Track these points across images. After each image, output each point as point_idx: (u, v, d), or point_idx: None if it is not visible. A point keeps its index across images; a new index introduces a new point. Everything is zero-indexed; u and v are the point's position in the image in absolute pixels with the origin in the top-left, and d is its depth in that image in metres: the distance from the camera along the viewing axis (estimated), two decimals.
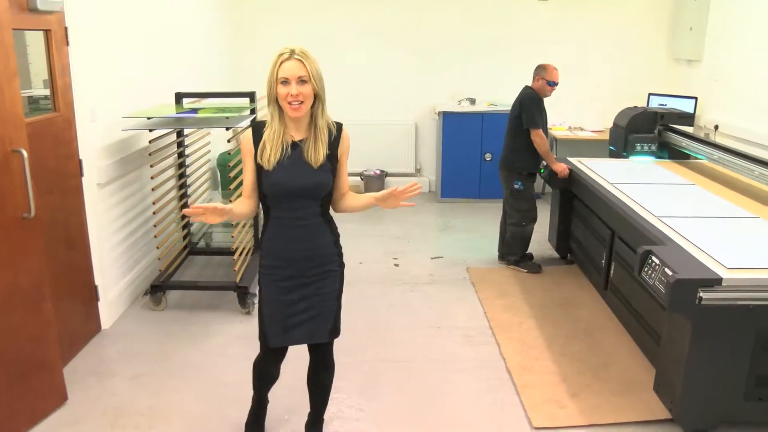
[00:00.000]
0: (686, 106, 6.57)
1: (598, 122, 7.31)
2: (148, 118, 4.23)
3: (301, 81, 2.40)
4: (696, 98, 6.55)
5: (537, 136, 4.89)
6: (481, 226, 6.28)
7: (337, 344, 2.74)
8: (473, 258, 5.46)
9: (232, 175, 4.57)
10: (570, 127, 7.26)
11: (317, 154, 2.50)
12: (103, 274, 4.07)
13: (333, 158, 2.57)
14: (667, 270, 2.93)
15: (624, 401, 3.40)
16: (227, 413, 3.28)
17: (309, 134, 2.52)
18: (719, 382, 3.03)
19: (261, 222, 5.11)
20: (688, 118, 5.42)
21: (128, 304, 4.43)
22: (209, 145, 5.39)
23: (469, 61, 7.22)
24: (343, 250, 2.72)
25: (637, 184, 4.45)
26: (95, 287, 4.03)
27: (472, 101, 7.07)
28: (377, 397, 3.45)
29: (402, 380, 3.61)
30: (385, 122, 7.32)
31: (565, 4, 7.14)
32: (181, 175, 4.85)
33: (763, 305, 2.89)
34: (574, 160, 5.18)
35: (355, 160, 7.05)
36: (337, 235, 2.70)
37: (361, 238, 5.79)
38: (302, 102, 2.42)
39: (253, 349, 3.87)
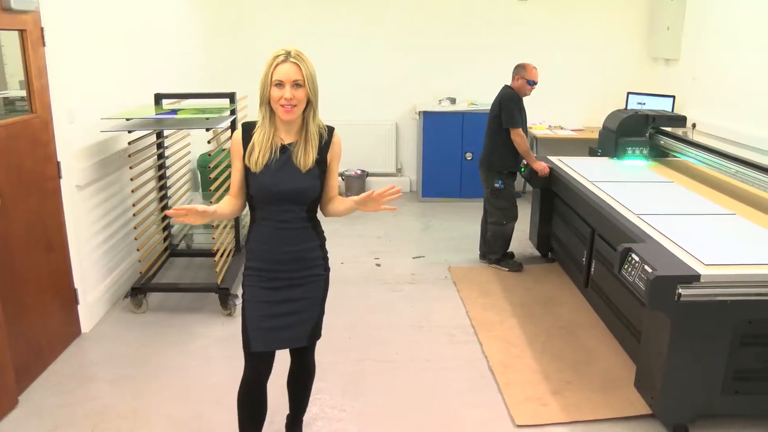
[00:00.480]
0: (664, 105, 6.63)
1: (578, 121, 7.37)
2: (128, 120, 4.19)
3: (296, 85, 2.37)
4: (674, 97, 6.62)
5: (517, 135, 4.90)
6: (462, 226, 6.30)
7: (319, 344, 2.74)
8: (455, 257, 5.48)
9: (212, 176, 4.55)
10: (550, 126, 7.30)
11: (306, 159, 2.46)
12: (82, 277, 4.03)
13: (322, 163, 2.53)
14: (646, 267, 2.96)
15: (605, 398, 3.43)
16: (209, 415, 3.26)
17: (299, 138, 2.48)
18: (698, 376, 3.07)
19: (242, 223, 5.11)
20: (680, 120, 5.39)
21: (108, 307, 4.39)
22: (189, 146, 5.36)
23: (449, 60, 7.24)
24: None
25: (616, 182, 4.49)
26: (75, 290, 3.99)
27: (453, 101, 7.09)
28: (360, 397, 3.44)
29: (384, 380, 3.62)
30: (366, 122, 7.32)
31: (545, 5, 7.19)
32: (161, 177, 4.81)
33: (739, 300, 2.93)
34: (554, 159, 5.21)
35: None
36: (323, 240, 2.67)
37: (342, 239, 5.78)
38: (295, 106, 2.38)
39: (235, 350, 3.86)
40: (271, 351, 2.65)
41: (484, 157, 5.14)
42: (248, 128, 2.50)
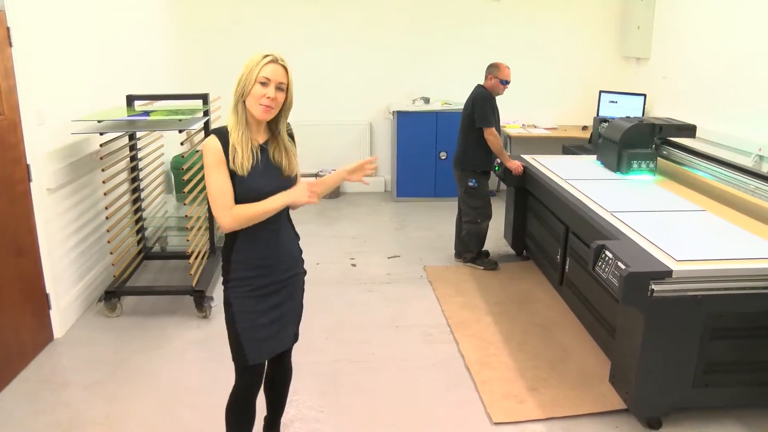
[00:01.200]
0: (636, 104, 6.72)
1: (551, 120, 7.43)
2: (99, 121, 4.14)
3: (279, 87, 2.36)
4: (645, 95, 6.71)
5: (490, 135, 4.91)
6: (437, 225, 6.32)
7: (296, 345, 2.72)
8: (430, 256, 5.49)
9: (186, 177, 4.51)
10: (523, 125, 7.35)
11: (290, 166, 2.48)
12: (54, 282, 3.98)
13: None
14: (620, 264, 2.99)
15: (581, 394, 3.46)
16: (185, 418, 3.24)
17: (269, 138, 2.47)
18: (671, 371, 3.11)
19: (217, 225, 5.07)
20: (690, 130, 4.86)
21: (82, 311, 4.33)
22: (162, 147, 5.30)
23: (423, 60, 7.25)
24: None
25: (589, 180, 4.53)
26: (46, 295, 3.93)
27: (426, 100, 7.11)
28: (337, 397, 3.44)
29: (361, 380, 3.61)
30: (340, 122, 7.30)
31: (518, 4, 7.23)
32: (134, 179, 4.76)
33: (710, 295, 2.98)
34: (527, 158, 5.25)
35: (310, 160, 7.09)
36: (299, 237, 2.68)
37: (317, 239, 5.77)
38: (272, 108, 2.37)
39: (211, 352, 3.86)
40: (266, 360, 2.62)
41: (458, 156, 5.15)
42: (222, 134, 2.41)
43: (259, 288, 2.50)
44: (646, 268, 2.95)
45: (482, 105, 4.93)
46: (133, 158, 4.74)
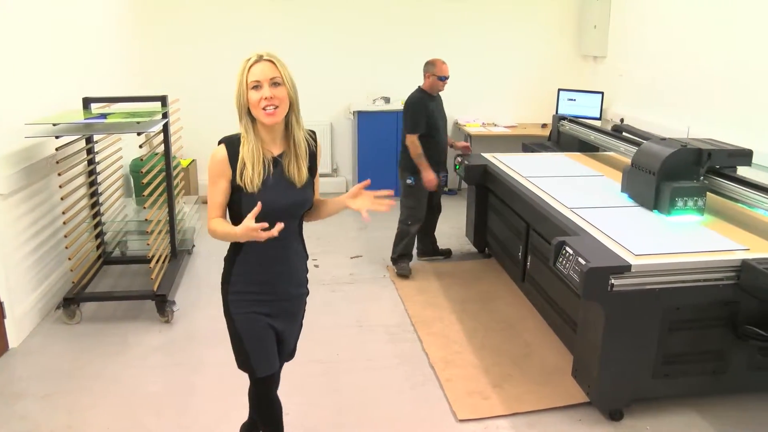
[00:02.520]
0: (594, 101, 6.83)
1: (511, 118, 7.50)
2: (54, 125, 4.05)
3: (274, 83, 2.21)
4: (602, 93, 6.82)
5: (410, 142, 4.83)
6: (397, 224, 6.31)
7: None
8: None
9: (145, 181, 4.45)
10: (483, 124, 7.41)
11: (300, 174, 2.32)
12: (9, 290, 3.88)
13: (312, 170, 2.41)
14: (580, 259, 3.04)
15: (544, 389, 3.51)
16: (149, 425, 3.19)
17: (287, 148, 2.32)
18: (631, 363, 3.17)
19: (178, 228, 5.02)
20: (744, 156, 3.86)
21: (39, 319, 4.24)
22: (121, 151, 5.22)
23: (383, 60, 7.26)
24: None
25: (549, 177, 4.59)
26: (0, 304, 3.83)
27: (387, 100, 7.12)
28: (303, 398, 3.43)
29: (327, 380, 3.61)
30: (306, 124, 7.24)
31: (477, 4, 7.28)
32: (92, 183, 4.68)
33: (667, 288, 3.05)
34: (488, 156, 5.29)
35: None
36: (307, 256, 2.58)
37: None
38: (277, 107, 2.21)
39: (174, 357, 3.81)
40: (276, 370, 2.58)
41: (400, 155, 5.10)
42: (233, 143, 2.28)
43: (260, 303, 2.42)
44: (606, 263, 3.00)
45: (407, 110, 4.89)
46: (91, 162, 4.66)
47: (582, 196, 4.12)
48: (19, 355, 3.85)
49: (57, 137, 4.07)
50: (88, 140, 4.60)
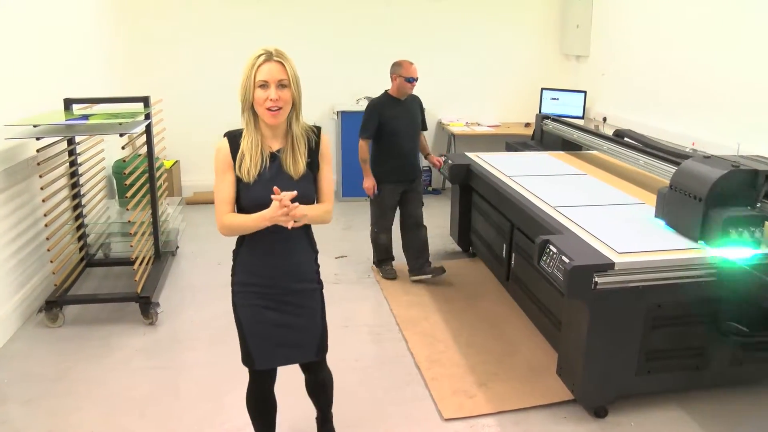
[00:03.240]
0: (577, 100, 6.87)
1: (494, 117, 7.53)
2: (35, 126, 4.02)
3: (281, 85, 2.26)
4: (585, 92, 6.86)
5: (360, 145, 4.69)
6: None
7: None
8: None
9: (128, 182, 4.43)
10: (467, 123, 7.43)
11: (296, 167, 2.34)
12: None
13: (314, 166, 2.42)
14: (564, 258, 3.05)
15: (530, 387, 3.52)
16: (132, 428, 3.17)
17: (286, 143, 2.36)
18: (615, 360, 3.19)
19: (162, 229, 4.99)
20: None
21: (21, 322, 4.19)
22: (103, 152, 5.19)
23: (366, 60, 7.25)
24: None
25: (533, 176, 4.61)
26: None
27: (370, 99, 7.10)
28: (288, 399, 3.40)
29: (299, 386, 3.59)
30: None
31: (460, 4, 7.30)
32: (74, 185, 4.64)
33: (650, 285, 3.07)
34: (471, 155, 5.30)
35: None
36: (316, 251, 2.57)
37: None
38: (281, 108, 2.26)
39: (158, 359, 3.79)
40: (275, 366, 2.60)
41: None
42: (234, 137, 2.35)
43: (262, 296, 2.45)
44: (590, 261, 3.02)
45: (364, 115, 4.73)
46: (73, 163, 4.63)
47: (565, 194, 4.14)
48: (1, 359, 3.81)
49: (38, 139, 4.04)
50: (70, 141, 4.57)
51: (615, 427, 3.21)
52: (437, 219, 6.34)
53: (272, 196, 2.21)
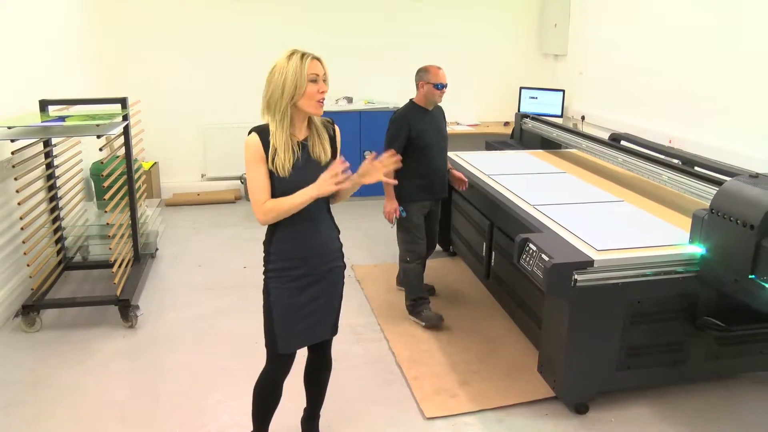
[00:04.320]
0: (555, 99, 6.91)
1: (474, 116, 7.56)
2: (9, 128, 3.97)
3: (325, 80, 2.49)
4: (563, 91, 6.90)
5: None
6: (363, 224, 6.33)
7: (226, 350, 2.70)
8: (357, 255, 5.49)
9: (106, 184, 4.38)
10: (446, 122, 7.43)
11: (325, 154, 2.56)
12: None
13: (334, 153, 2.62)
14: (543, 256, 3.07)
15: (511, 384, 3.54)
16: None
17: (310, 133, 2.56)
18: (596, 356, 3.22)
19: (141, 231, 4.94)
20: None
21: None
22: (81, 154, 5.13)
23: (345, 60, 7.24)
24: (223, 256, 2.68)
25: (512, 175, 4.63)
26: None
27: (350, 100, 7.12)
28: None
29: (295, 382, 3.57)
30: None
31: (438, 4, 7.32)
32: (51, 187, 4.59)
33: (629, 282, 3.10)
34: (451, 155, 5.31)
35: (235, 163, 6.98)
36: (339, 230, 2.73)
37: (243, 242, 5.68)
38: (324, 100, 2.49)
39: (138, 362, 3.76)
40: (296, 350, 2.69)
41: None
42: (263, 132, 2.49)
43: (296, 279, 2.57)
44: (569, 258, 3.04)
45: (388, 131, 4.19)
46: (49, 165, 4.57)
47: (544, 193, 4.16)
48: None
49: (12, 141, 3.99)
50: (46, 143, 4.51)
51: (596, 423, 3.23)
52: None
53: (330, 168, 2.41)
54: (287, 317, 2.59)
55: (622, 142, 4.90)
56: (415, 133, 4.13)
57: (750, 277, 2.76)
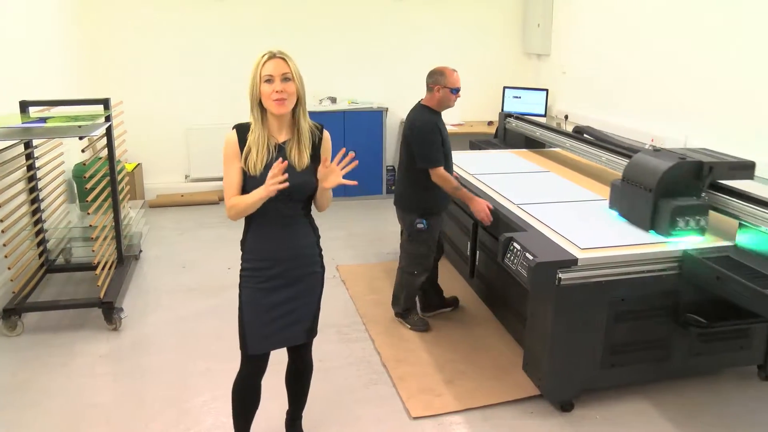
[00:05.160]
0: (539, 98, 6.94)
1: (457, 116, 7.56)
2: None
3: (285, 78, 2.44)
4: (547, 90, 6.93)
5: (438, 177, 3.81)
6: (347, 224, 6.32)
7: (210, 352, 2.68)
8: (342, 255, 5.48)
9: (89, 186, 4.35)
10: None
11: (301, 158, 2.51)
12: None
13: (316, 159, 2.56)
14: (528, 255, 3.08)
15: (496, 383, 3.55)
16: None
17: (292, 136, 2.53)
18: (580, 354, 3.24)
19: (124, 233, 4.91)
20: (747, 169, 3.50)
21: None
22: (63, 155, 5.09)
23: (328, 60, 7.23)
24: (207, 257, 2.67)
25: (496, 174, 4.64)
26: None
27: (333, 100, 7.11)
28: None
29: (278, 383, 3.56)
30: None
31: (421, 4, 7.32)
32: (33, 189, 4.54)
33: (612, 280, 3.12)
34: None
35: (219, 164, 6.94)
36: (318, 236, 2.70)
37: (226, 243, 5.64)
38: (286, 99, 2.43)
39: (122, 365, 3.73)
40: (267, 352, 2.68)
41: (400, 194, 4.07)
42: (242, 130, 2.52)
43: (268, 279, 2.57)
44: (553, 257, 3.06)
45: (421, 141, 3.83)
46: (31, 167, 4.53)
47: (529, 191, 4.18)
48: None
49: None
50: (27, 145, 4.47)
51: (581, 421, 3.25)
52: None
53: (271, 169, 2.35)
54: (256, 318, 2.59)
55: (586, 135, 4.95)
56: (442, 140, 3.88)
57: (650, 232, 3.38)
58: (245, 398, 2.79)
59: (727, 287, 2.90)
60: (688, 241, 3.27)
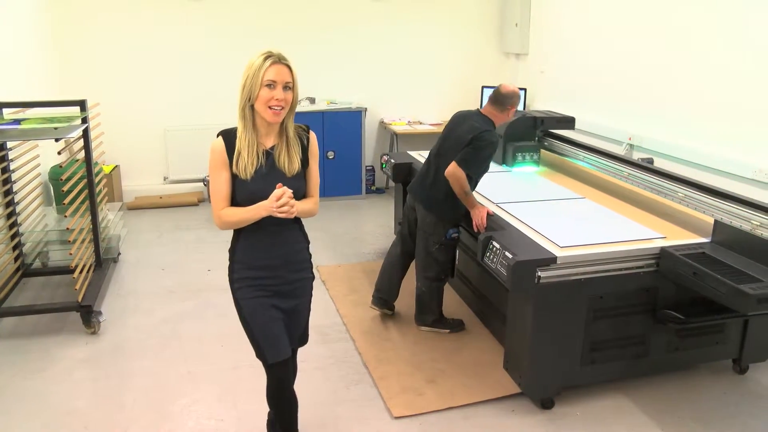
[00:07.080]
0: None
1: (436, 115, 7.58)
2: None
3: (287, 87, 2.36)
4: (525, 90, 6.96)
5: (455, 177, 3.72)
6: (326, 225, 6.30)
7: (190, 354, 2.66)
8: (321, 256, 5.46)
9: (65, 188, 4.30)
10: (409, 122, 7.45)
11: (292, 164, 2.45)
12: None
13: (305, 163, 2.53)
14: (507, 254, 3.10)
15: (477, 382, 3.56)
16: None
17: (279, 141, 2.46)
18: (560, 352, 3.27)
19: (102, 236, 4.86)
20: (569, 122, 5.14)
21: None
22: (38, 158, 5.02)
23: (307, 60, 7.20)
24: (187, 259, 2.65)
25: None
26: None
27: (312, 100, 7.09)
28: (236, 404, 3.38)
29: (260, 385, 3.54)
30: (226, 125, 7.08)
31: (399, 3, 7.32)
32: (8, 192, 4.49)
33: (591, 278, 3.15)
34: (414, 154, 5.33)
35: (197, 166, 6.91)
36: (308, 241, 2.67)
37: (206, 245, 5.62)
38: (283, 108, 2.37)
39: (101, 369, 3.70)
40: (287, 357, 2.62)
41: (434, 198, 3.93)
42: (229, 136, 2.44)
43: (265, 288, 2.51)
44: (532, 256, 3.08)
45: (478, 152, 3.75)
46: (5, 170, 4.47)
47: (507, 190, 4.20)
48: None
49: None
50: (1, 147, 4.41)
51: (562, 418, 3.28)
52: (381, 218, 6.38)
53: (276, 191, 2.31)
54: (266, 327, 2.52)
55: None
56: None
57: (503, 165, 4.92)
58: (283, 404, 2.74)
59: (704, 283, 2.94)
60: (524, 170, 4.80)
